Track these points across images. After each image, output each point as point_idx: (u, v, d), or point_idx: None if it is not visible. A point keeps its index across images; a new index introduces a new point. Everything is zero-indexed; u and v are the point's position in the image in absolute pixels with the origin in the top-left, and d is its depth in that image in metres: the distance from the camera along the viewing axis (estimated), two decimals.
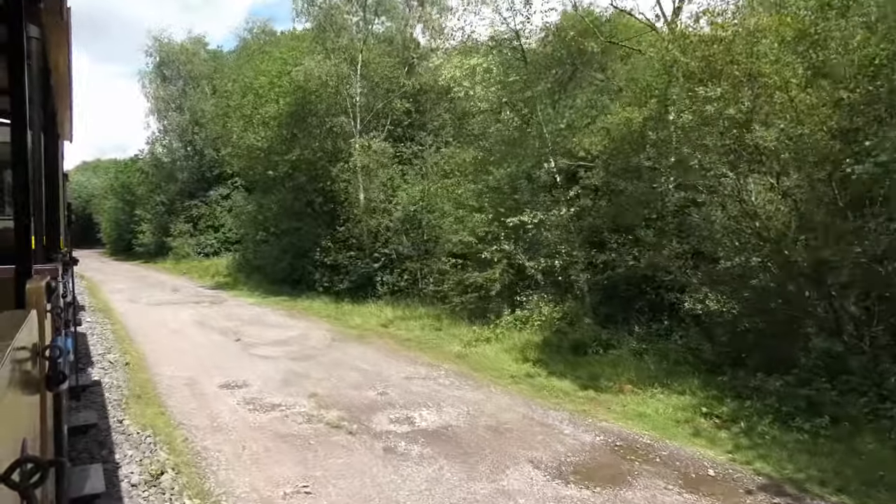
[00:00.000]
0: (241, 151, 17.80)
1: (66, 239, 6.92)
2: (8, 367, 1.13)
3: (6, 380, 1.10)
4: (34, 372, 1.70)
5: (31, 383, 1.62)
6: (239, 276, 22.76)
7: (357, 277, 15.75)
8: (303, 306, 15.36)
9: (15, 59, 2.07)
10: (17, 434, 1.22)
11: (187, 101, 31.23)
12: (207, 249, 30.68)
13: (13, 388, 1.21)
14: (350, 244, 16.51)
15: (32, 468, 0.98)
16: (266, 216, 18.36)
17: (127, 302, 16.24)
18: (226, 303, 16.53)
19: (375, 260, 15.47)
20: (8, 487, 0.92)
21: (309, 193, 17.15)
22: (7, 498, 0.95)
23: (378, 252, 15.48)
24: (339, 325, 12.33)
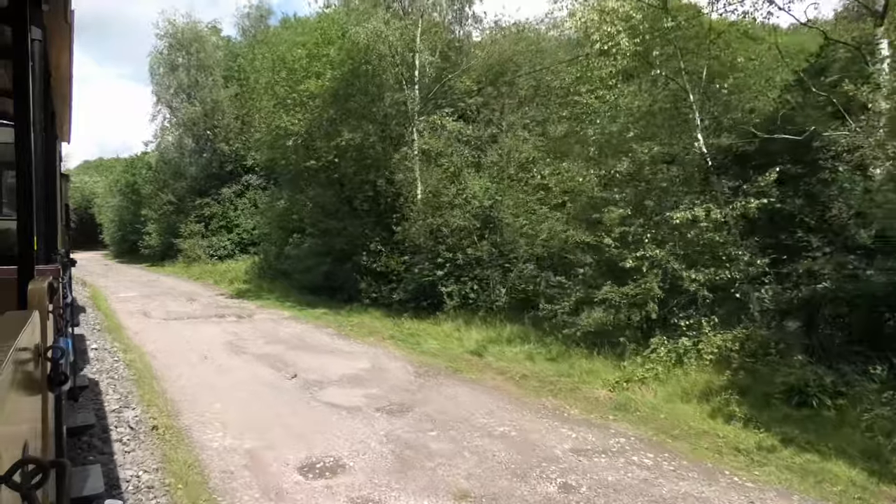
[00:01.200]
0: (271, 139, 15.09)
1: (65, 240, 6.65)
2: (10, 368, 1.14)
3: (8, 381, 1.11)
4: (36, 373, 1.69)
5: (33, 384, 1.62)
6: (261, 282, 20.08)
7: (415, 287, 13.06)
8: (352, 322, 12.67)
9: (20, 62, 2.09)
10: (19, 435, 1.23)
11: (199, 91, 28.58)
12: (220, 252, 28.03)
13: (15, 388, 1.21)
14: (404, 247, 13.83)
15: (34, 469, 0.98)
16: (301, 214, 15.62)
17: (139, 316, 13.55)
18: (255, 316, 13.85)
19: (439, 266, 12.78)
20: (9, 489, 0.92)
21: (356, 187, 14.46)
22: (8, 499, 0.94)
23: (442, 256, 12.80)
24: (413, 352, 9.64)
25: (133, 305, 15.59)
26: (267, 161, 17.13)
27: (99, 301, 16.14)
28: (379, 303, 14.09)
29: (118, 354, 8.74)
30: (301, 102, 13.91)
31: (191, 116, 28.04)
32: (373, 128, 13.05)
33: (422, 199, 13.40)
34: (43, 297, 1.99)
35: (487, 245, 12.16)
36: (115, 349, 9.12)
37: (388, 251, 13.85)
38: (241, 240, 28.67)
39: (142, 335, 10.82)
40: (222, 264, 26.32)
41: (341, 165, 13.82)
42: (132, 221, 34.58)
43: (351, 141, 12.63)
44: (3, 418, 1.01)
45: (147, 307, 15.33)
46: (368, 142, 12.99)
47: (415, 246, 13.49)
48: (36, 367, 1.68)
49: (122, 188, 34.72)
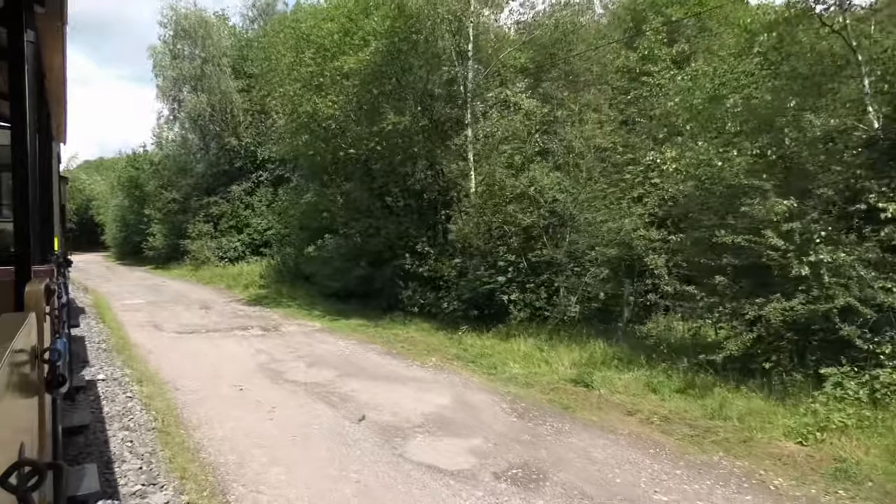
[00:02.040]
0: (295, 126, 13.23)
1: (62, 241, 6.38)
2: (7, 370, 1.13)
3: (5, 383, 1.10)
4: (33, 375, 1.69)
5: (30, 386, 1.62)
6: (280, 287, 18.25)
7: (471, 295, 11.22)
8: (400, 337, 10.84)
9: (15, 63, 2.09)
10: (16, 437, 1.22)
11: (206, 81, 26.70)
12: (231, 254, 26.22)
13: (12, 391, 1.21)
14: (454, 249, 12.00)
15: (30, 471, 0.98)
16: (332, 211, 13.75)
17: (149, 329, 11.71)
18: (283, 329, 12.01)
19: (501, 270, 10.93)
20: (6, 491, 0.92)
21: (398, 179, 12.61)
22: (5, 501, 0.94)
23: (503, 259, 10.95)
24: (494, 379, 7.80)
25: (141, 315, 13.75)
26: (289, 153, 15.22)
27: (103, 310, 14.29)
28: (425, 313, 12.26)
29: (132, 387, 6.89)
30: (333, 82, 12.06)
31: (197, 108, 26.16)
32: (421, 110, 11.20)
33: (476, 193, 11.57)
34: (40, 299, 1.99)
35: (565, 245, 10.30)
36: (127, 380, 7.27)
37: (437, 253, 12.02)
38: (252, 241, 26.84)
39: (156, 356, 8.98)
40: (233, 267, 24.49)
41: (381, 155, 11.96)
42: (135, 221, 32.72)
43: (398, 124, 10.76)
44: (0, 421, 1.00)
45: (157, 317, 13.49)
46: (417, 126, 11.13)
47: (469, 248, 11.64)
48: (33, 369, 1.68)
49: (124, 184, 32.83)
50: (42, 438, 1.87)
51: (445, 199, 12.25)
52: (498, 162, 10.44)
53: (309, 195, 14.28)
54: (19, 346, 1.37)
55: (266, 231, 26.85)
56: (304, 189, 15.09)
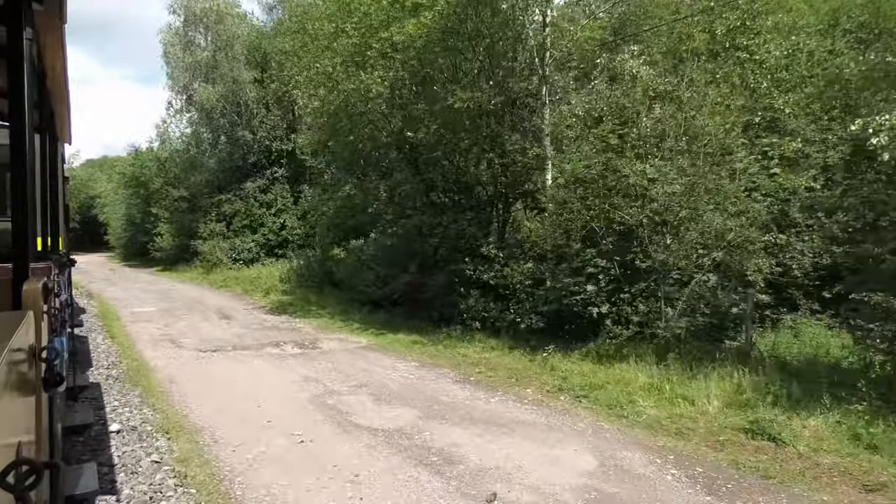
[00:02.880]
0: (336, 108, 11.38)
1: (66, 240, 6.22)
2: (4, 369, 1.12)
3: (2, 382, 1.10)
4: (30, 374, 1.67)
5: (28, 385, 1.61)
6: (305, 293, 16.42)
7: (553, 308, 9.36)
8: (470, 359, 8.99)
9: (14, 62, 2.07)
10: (13, 436, 1.21)
11: (219, 71, 24.89)
12: (244, 255, 24.41)
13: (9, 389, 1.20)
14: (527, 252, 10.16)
15: (27, 471, 0.98)
16: (376, 208, 11.90)
17: (166, 346, 9.88)
18: (322, 345, 10.18)
19: (590, 278, 9.08)
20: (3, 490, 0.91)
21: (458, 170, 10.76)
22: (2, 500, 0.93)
23: (594, 265, 9.10)
24: (633, 424, 5.92)
25: (154, 327, 11.93)
26: (321, 141, 13.37)
27: (110, 321, 12.46)
28: (488, 327, 10.42)
29: (157, 443, 5.03)
30: (382, 55, 10.21)
31: (210, 99, 24.33)
32: (492, 85, 9.35)
33: (557, 185, 9.73)
34: (37, 298, 1.98)
35: (673, 246, 8.44)
36: (149, 429, 5.40)
37: (506, 257, 10.17)
38: (267, 241, 25.05)
39: (180, 387, 7.13)
40: (248, 269, 22.68)
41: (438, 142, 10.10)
42: (141, 221, 30.93)
43: (468, 101, 8.90)
44: None
45: (172, 329, 11.67)
46: (490, 104, 9.26)
47: (547, 251, 9.79)
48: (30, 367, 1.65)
49: (129, 182, 31.03)
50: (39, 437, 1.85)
51: (513, 194, 10.40)
52: (592, 147, 8.57)
53: (347, 188, 12.38)
54: (17, 345, 1.37)
55: (281, 231, 25.10)
56: (338, 183, 13.22)
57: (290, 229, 24.68)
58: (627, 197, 8.43)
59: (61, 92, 4.04)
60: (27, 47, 2.16)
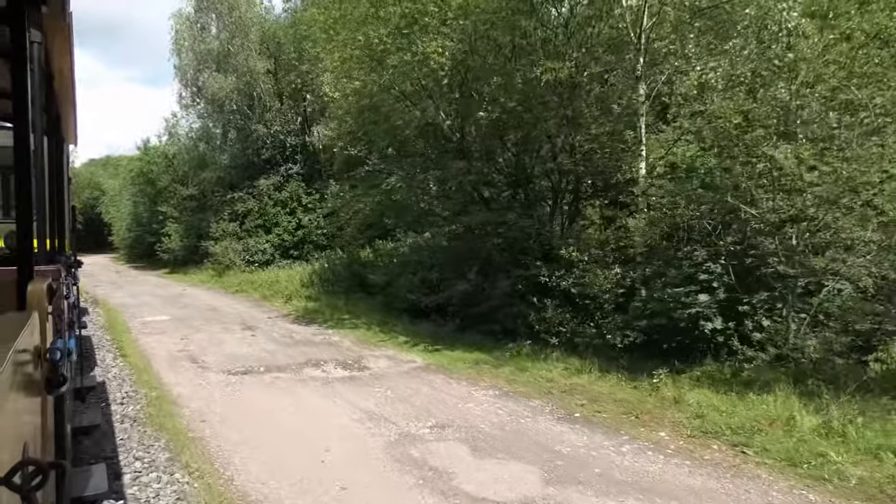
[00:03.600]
0: (380, 87, 9.78)
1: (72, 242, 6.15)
2: (9, 370, 1.12)
3: (7, 382, 1.09)
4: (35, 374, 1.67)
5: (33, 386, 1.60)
6: (333, 299, 14.83)
7: (658, 320, 7.75)
8: (559, 385, 7.39)
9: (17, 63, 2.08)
10: (19, 436, 1.21)
11: (232, 60, 23.32)
12: (258, 257, 22.81)
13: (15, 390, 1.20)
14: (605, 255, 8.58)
15: (34, 471, 0.97)
16: (427, 202, 10.30)
17: (187, 366, 8.31)
18: (370, 365, 8.61)
19: (704, 286, 7.46)
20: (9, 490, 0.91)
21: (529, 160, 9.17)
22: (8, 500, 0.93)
23: (706, 271, 7.49)
24: (843, 495, 4.35)
25: (170, 341, 10.36)
26: (355, 131, 11.77)
27: (120, 333, 10.89)
28: (565, 342, 8.82)
29: None
30: (441, 21, 8.62)
31: (222, 89, 22.74)
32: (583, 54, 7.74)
33: (650, 176, 8.14)
34: (42, 299, 1.96)
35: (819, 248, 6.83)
36: None
37: (589, 260, 8.57)
38: (281, 242, 23.46)
39: (217, 431, 5.54)
40: (263, 272, 21.07)
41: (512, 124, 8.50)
42: (148, 220, 29.37)
43: (556, 71, 7.29)
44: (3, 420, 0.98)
45: (192, 344, 10.10)
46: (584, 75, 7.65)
47: (637, 253, 8.21)
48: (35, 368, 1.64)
49: (135, 179, 29.50)
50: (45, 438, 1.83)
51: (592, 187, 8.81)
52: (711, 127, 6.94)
53: (392, 180, 10.76)
54: (22, 346, 1.36)
55: (297, 231, 23.53)
56: (377, 177, 11.63)
57: (307, 229, 23.13)
58: (762, 188, 6.81)
59: (68, 94, 4.03)
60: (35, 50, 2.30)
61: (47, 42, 2.66)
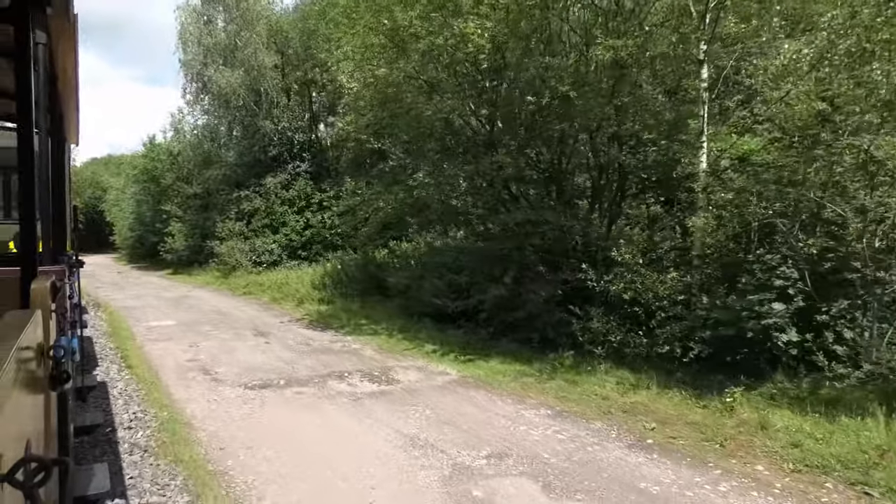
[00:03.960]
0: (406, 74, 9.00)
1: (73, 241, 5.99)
2: (13, 367, 1.12)
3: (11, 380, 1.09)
4: (39, 372, 1.67)
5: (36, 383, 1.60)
6: (348, 302, 14.08)
7: (726, 331, 6.95)
8: (615, 403, 6.59)
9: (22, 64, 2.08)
10: (22, 434, 1.21)
11: (239, 53, 22.55)
12: (265, 257, 22.02)
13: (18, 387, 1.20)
14: (658, 258, 7.79)
15: (36, 468, 0.97)
16: (458, 200, 9.50)
17: (200, 380, 7.52)
18: (399, 377, 7.83)
19: (780, 293, 6.67)
20: (12, 487, 0.90)
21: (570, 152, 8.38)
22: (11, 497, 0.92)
23: (781, 276, 6.69)
24: None
25: (178, 348, 9.59)
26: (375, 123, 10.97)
27: (123, 340, 10.11)
28: (613, 352, 8.03)
29: None
30: (478, 1, 7.83)
31: (229, 84, 21.97)
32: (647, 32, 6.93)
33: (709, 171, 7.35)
34: (45, 297, 1.96)
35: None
36: None
37: (643, 264, 7.76)
38: (289, 242, 22.68)
39: (241, 462, 4.75)
40: (271, 273, 20.29)
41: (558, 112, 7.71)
42: (151, 220, 28.60)
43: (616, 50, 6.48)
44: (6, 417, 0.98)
45: (202, 352, 9.33)
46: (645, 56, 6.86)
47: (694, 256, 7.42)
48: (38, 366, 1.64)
49: (139, 177, 28.72)
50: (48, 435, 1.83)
51: (642, 181, 8.03)
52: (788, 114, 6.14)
53: (420, 175, 9.91)
54: (25, 344, 1.36)
55: (305, 230, 22.76)
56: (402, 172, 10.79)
57: (315, 229, 22.38)
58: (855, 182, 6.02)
59: (71, 94, 4.05)
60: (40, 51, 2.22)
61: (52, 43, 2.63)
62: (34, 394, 1.54)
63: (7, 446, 0.96)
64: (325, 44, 21.25)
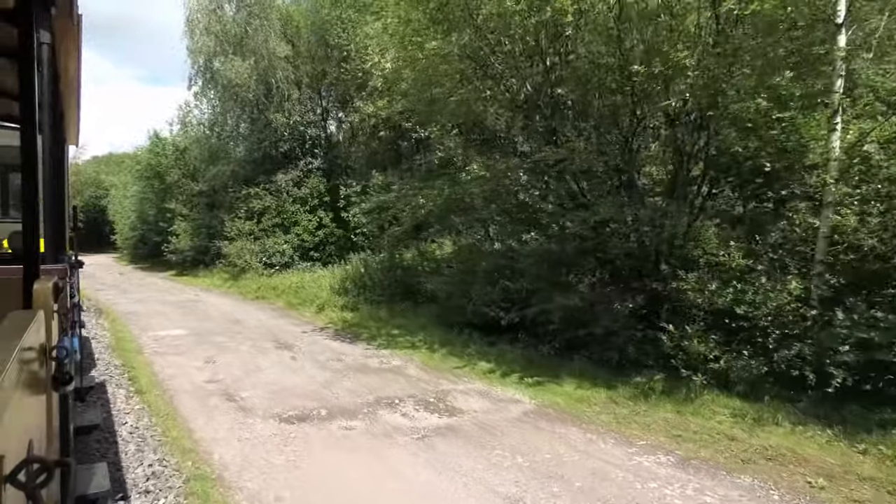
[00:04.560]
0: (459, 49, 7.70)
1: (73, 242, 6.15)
2: (15, 368, 1.11)
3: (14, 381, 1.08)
4: (41, 372, 1.66)
5: (38, 383, 1.60)
6: (374, 308, 12.77)
7: (882, 356, 5.63)
8: (747, 447, 5.25)
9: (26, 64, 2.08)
10: (24, 434, 1.20)
11: (250, 42, 21.22)
12: (276, 259, 20.68)
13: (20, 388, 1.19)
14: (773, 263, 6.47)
15: (38, 469, 0.97)
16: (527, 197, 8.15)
17: (224, 409, 6.18)
18: (460, 405, 6.51)
19: None
20: (14, 487, 0.90)
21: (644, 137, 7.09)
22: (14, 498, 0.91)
23: None
24: None
25: (193, 365, 8.26)
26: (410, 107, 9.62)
27: (129, 354, 8.77)
28: (715, 376, 6.70)
29: None
30: None
31: (240, 75, 20.62)
32: None
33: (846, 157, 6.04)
34: (48, 297, 1.96)
35: None
36: None
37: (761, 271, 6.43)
38: (301, 243, 21.37)
39: None
40: (283, 276, 18.94)
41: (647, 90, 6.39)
42: (155, 219, 27.26)
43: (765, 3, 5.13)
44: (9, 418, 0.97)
45: (221, 370, 8.00)
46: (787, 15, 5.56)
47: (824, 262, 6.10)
48: (41, 366, 1.64)
49: (143, 173, 27.37)
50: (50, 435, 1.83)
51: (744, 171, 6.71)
52: None
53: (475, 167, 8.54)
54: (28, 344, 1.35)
55: (318, 230, 21.46)
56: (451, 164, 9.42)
57: (329, 229, 21.13)
58: None
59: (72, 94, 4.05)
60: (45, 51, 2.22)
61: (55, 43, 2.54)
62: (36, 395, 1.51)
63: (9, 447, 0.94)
64: (343, 32, 20.06)
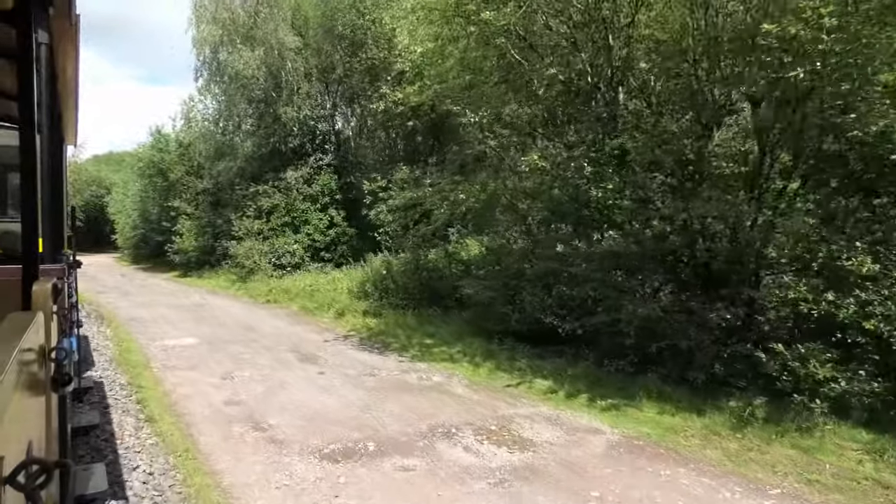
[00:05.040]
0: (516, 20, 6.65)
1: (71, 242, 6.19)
2: (15, 369, 1.11)
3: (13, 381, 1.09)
4: (40, 373, 1.66)
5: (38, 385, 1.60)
6: (399, 314, 11.73)
7: None
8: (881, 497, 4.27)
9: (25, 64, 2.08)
10: (24, 435, 1.20)
11: (258, 31, 20.18)
12: (286, 260, 19.66)
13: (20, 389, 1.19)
14: None
15: (38, 470, 0.97)
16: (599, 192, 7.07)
17: (252, 443, 5.14)
18: (527, 435, 5.47)
19: None
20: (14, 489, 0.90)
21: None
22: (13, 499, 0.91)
23: None
24: None
25: (209, 382, 7.21)
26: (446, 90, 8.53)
27: (136, 369, 7.72)
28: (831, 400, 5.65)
29: None
30: None
31: (248, 66, 19.56)
32: None
33: None
34: (47, 299, 1.96)
35: None
36: None
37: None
38: (312, 243, 20.33)
39: None
40: (295, 278, 17.90)
41: None
42: (158, 217, 26.19)
43: None
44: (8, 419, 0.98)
45: (241, 388, 6.95)
46: None
47: None
48: (40, 367, 1.65)
49: (145, 170, 26.31)
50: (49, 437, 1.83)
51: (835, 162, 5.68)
52: None
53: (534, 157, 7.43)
54: (27, 345, 1.35)
55: (329, 230, 20.43)
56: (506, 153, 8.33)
57: (341, 228, 20.15)
58: None
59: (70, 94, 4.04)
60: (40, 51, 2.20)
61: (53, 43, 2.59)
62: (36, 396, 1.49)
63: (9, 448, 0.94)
64: (358, 19, 19.05)
